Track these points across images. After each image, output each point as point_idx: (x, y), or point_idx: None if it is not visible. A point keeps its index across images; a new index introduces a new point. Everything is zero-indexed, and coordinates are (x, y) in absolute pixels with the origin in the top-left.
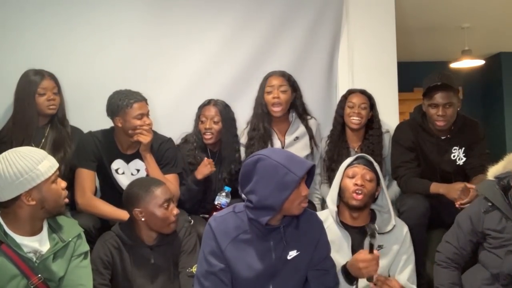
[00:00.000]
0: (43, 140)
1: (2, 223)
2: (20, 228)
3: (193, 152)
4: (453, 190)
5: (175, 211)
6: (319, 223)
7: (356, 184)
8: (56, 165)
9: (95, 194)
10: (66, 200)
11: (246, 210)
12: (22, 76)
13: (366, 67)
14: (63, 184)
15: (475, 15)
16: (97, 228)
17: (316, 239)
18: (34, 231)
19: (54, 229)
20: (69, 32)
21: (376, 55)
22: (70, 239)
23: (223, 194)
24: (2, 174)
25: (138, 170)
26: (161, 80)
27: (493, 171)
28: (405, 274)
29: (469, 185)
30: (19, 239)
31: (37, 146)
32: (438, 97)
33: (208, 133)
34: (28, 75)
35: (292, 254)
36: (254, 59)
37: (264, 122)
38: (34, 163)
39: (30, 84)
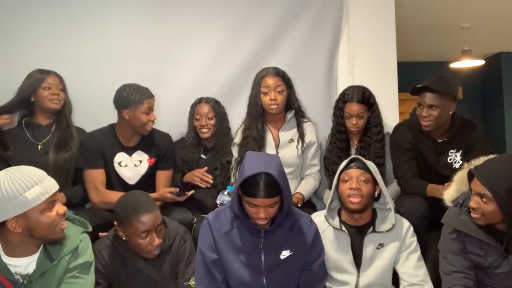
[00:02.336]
0: (48, 138)
1: None
2: (11, 251)
3: (187, 150)
4: None
5: (156, 241)
6: (313, 226)
7: (351, 188)
8: (51, 191)
9: None
10: (63, 225)
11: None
12: (27, 75)
13: (366, 67)
14: (61, 210)
15: (475, 15)
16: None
17: (309, 241)
18: (27, 253)
19: (49, 247)
20: (70, 33)
21: (376, 55)
22: (60, 258)
23: (225, 193)
24: None
25: (140, 161)
26: (162, 80)
27: (448, 197)
28: (410, 262)
29: None
30: (9, 260)
31: (42, 144)
32: (424, 97)
33: (205, 129)
34: (34, 73)
35: (286, 254)
36: (255, 58)
37: (259, 122)
38: (22, 190)
39: (35, 81)
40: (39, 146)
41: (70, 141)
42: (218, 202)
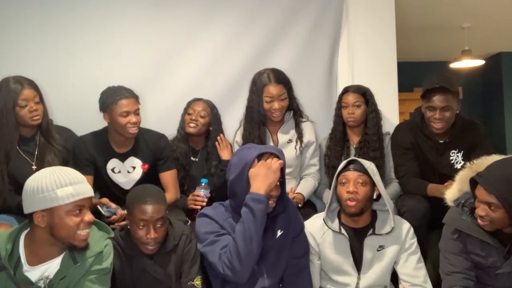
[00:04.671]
0: (36, 153)
1: (22, 251)
2: (35, 254)
3: (176, 143)
4: None
5: (152, 234)
6: (293, 203)
7: (348, 192)
8: (83, 195)
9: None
10: (85, 234)
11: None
12: (2, 83)
13: (366, 67)
14: (87, 217)
15: (475, 15)
16: None
17: (293, 217)
18: (51, 256)
19: (74, 248)
20: (66, 34)
21: (376, 55)
22: (84, 261)
23: (202, 185)
24: (26, 185)
25: (134, 168)
26: (160, 80)
27: (449, 197)
28: (410, 263)
29: None
30: (31, 269)
31: (31, 159)
32: (436, 100)
33: (193, 123)
34: (8, 84)
35: (278, 233)
36: (255, 58)
37: (261, 130)
38: (55, 186)
39: (9, 95)
40: (34, 167)
41: (54, 153)
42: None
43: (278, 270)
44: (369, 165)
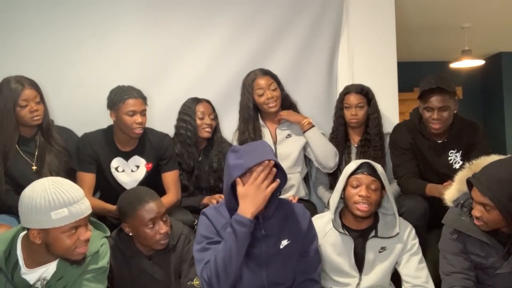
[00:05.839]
0: (36, 153)
1: (19, 253)
2: (33, 258)
3: (186, 149)
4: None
5: (163, 228)
6: (307, 214)
7: (361, 196)
8: (78, 216)
9: (94, 193)
10: (83, 249)
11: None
12: (3, 83)
13: (366, 67)
14: (82, 237)
15: (475, 15)
16: None
17: (304, 229)
18: (47, 260)
19: None
20: (68, 34)
21: (376, 55)
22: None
23: None
24: (22, 198)
25: (137, 167)
26: (161, 80)
27: (449, 197)
28: (412, 264)
29: None
30: (29, 271)
31: (31, 159)
32: (434, 101)
33: (208, 128)
34: (9, 84)
35: (284, 243)
36: (255, 59)
37: (250, 124)
38: (49, 208)
39: (10, 95)
40: (34, 167)
41: (54, 154)
42: None
43: (281, 282)
44: (381, 170)
